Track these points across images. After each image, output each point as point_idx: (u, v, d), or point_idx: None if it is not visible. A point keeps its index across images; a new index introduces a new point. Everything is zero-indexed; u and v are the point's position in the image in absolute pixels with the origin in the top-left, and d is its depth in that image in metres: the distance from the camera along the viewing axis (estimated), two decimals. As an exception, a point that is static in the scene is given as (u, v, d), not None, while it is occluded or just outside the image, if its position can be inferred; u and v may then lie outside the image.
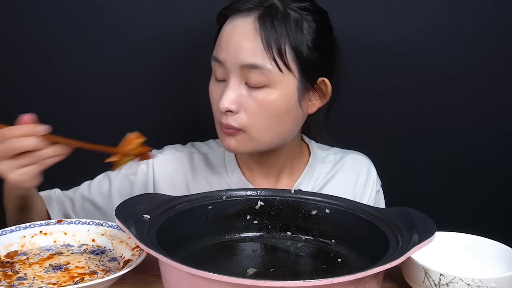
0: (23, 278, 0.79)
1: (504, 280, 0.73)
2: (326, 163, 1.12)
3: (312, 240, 0.89)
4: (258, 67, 0.92)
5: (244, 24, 0.94)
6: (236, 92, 0.94)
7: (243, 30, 0.94)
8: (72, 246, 0.91)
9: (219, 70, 0.97)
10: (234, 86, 0.94)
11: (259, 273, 0.79)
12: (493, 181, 1.35)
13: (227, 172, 1.09)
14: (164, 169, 1.10)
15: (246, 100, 0.94)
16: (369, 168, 1.13)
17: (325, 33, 0.99)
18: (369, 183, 1.12)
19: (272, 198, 0.90)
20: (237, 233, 0.89)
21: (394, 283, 0.82)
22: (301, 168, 1.10)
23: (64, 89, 1.30)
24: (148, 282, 0.81)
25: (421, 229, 0.75)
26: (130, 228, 0.73)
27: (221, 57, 0.95)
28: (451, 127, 1.33)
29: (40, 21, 1.26)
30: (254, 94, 0.94)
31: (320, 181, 1.10)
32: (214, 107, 0.99)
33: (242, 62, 0.93)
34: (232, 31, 0.95)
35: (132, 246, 0.86)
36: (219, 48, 0.96)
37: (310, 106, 1.00)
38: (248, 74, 0.93)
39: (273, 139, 0.99)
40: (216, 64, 0.97)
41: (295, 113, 0.98)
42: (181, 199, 0.86)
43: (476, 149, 1.33)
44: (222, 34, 0.97)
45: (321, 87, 0.99)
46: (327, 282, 0.62)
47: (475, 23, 1.27)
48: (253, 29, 0.93)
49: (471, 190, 1.36)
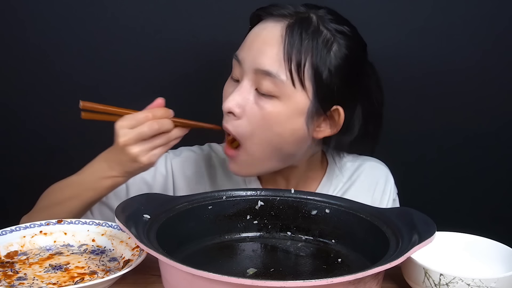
0: (23, 278, 0.79)
1: (504, 280, 0.73)
2: (343, 172, 1.08)
3: (312, 240, 0.89)
4: (272, 75, 0.89)
5: (272, 29, 0.91)
6: (244, 96, 0.91)
7: (269, 34, 0.91)
8: (72, 246, 0.90)
9: (236, 69, 0.94)
10: (244, 89, 0.92)
11: (259, 273, 0.79)
12: (493, 181, 1.35)
13: (245, 183, 1.06)
14: (183, 172, 1.07)
15: (251, 107, 0.91)
16: (387, 176, 1.10)
17: (354, 63, 0.93)
18: (387, 192, 1.09)
19: (272, 198, 0.90)
20: (237, 233, 0.89)
21: (394, 283, 0.82)
22: (318, 178, 1.06)
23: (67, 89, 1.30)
24: (148, 282, 0.81)
25: (421, 229, 0.75)
26: (130, 228, 0.73)
27: (241, 56, 0.93)
28: (452, 128, 1.33)
29: (44, 20, 1.27)
30: (261, 103, 0.91)
31: (338, 191, 1.07)
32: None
33: (258, 66, 0.90)
34: (259, 33, 0.92)
35: (132, 246, 0.86)
36: (242, 47, 0.94)
37: (317, 132, 0.95)
38: (261, 80, 0.90)
39: (272, 159, 0.94)
40: (235, 63, 0.94)
41: (300, 136, 0.93)
42: (181, 199, 0.86)
43: (476, 149, 1.34)
44: (250, 34, 0.94)
45: (334, 115, 0.94)
46: (327, 282, 0.62)
47: (475, 24, 1.27)
48: (278, 36, 0.90)
49: (471, 190, 1.36)
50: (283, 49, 0.88)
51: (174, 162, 1.07)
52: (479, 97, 1.31)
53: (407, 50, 1.28)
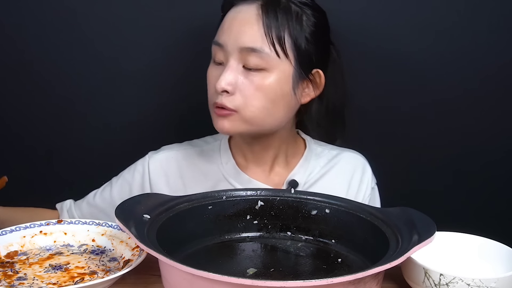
0: (23, 278, 0.79)
1: (504, 280, 0.73)
2: (321, 157, 1.13)
3: (312, 240, 0.89)
4: (257, 50, 0.96)
5: (247, 10, 0.99)
6: (234, 74, 0.98)
7: (245, 15, 0.99)
8: (72, 246, 0.91)
9: (218, 53, 1.00)
10: (232, 68, 0.98)
11: (259, 273, 0.79)
12: (493, 180, 1.35)
13: (221, 162, 1.11)
14: (159, 168, 1.11)
15: (242, 82, 0.98)
16: (364, 166, 1.14)
17: (322, 29, 1.04)
18: (364, 181, 1.13)
19: (272, 198, 0.90)
20: (237, 233, 0.89)
21: (394, 283, 0.82)
22: (296, 160, 1.12)
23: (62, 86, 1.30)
24: (148, 282, 0.81)
25: (421, 229, 0.75)
26: (130, 228, 0.73)
27: (222, 40, 0.99)
28: (452, 127, 1.33)
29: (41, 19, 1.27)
30: (251, 77, 0.98)
31: (314, 175, 1.11)
32: (211, 90, 1.02)
33: (242, 45, 0.97)
34: (235, 16, 1.00)
35: (132, 246, 0.86)
36: (220, 32, 1.01)
37: (304, 95, 1.04)
38: (247, 57, 0.97)
39: (265, 122, 1.01)
40: (216, 48, 1.01)
41: (289, 100, 1.01)
42: (181, 199, 0.86)
43: (476, 149, 1.33)
44: (225, 19, 1.02)
45: (315, 78, 1.04)
46: (327, 282, 0.62)
47: (475, 23, 1.27)
48: (255, 15, 0.98)
49: (471, 190, 1.36)
50: (263, 26, 0.97)
51: (151, 160, 1.12)
52: (480, 97, 1.31)
53: (406, 49, 1.28)
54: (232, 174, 1.09)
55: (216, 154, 1.12)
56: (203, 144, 1.15)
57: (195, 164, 1.12)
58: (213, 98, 1.01)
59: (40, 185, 1.33)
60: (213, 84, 1.00)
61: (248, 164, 1.10)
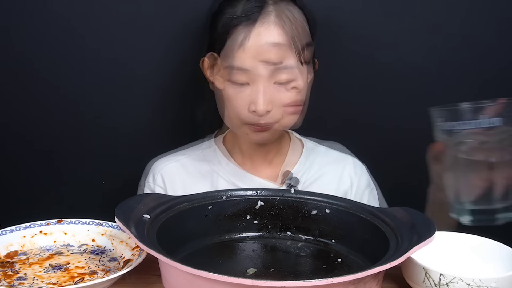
0: (23, 278, 0.79)
1: (504, 280, 0.73)
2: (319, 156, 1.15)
3: (312, 240, 0.89)
4: (287, 67, 0.99)
5: (266, 30, 0.98)
6: (270, 94, 0.99)
7: (269, 37, 0.98)
8: (72, 246, 0.91)
9: (241, 76, 0.99)
10: (266, 88, 0.99)
11: (259, 273, 0.79)
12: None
13: (220, 163, 1.11)
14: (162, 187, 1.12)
15: (279, 98, 1.00)
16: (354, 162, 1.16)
17: (308, 17, 1.05)
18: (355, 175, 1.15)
19: (272, 198, 0.90)
20: (237, 233, 0.89)
21: (394, 283, 0.82)
22: (285, 150, 1.14)
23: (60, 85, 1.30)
24: (148, 282, 0.81)
25: (421, 229, 0.75)
26: (130, 228, 0.73)
27: (248, 65, 0.98)
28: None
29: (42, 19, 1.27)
30: (283, 90, 1.00)
31: (314, 173, 1.12)
32: (240, 111, 1.01)
33: (274, 66, 0.98)
34: (258, 39, 0.98)
35: (132, 246, 0.86)
36: (242, 56, 0.98)
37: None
38: (278, 74, 0.99)
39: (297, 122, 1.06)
40: (239, 72, 0.99)
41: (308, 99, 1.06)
42: (181, 199, 0.86)
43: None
44: (246, 44, 0.98)
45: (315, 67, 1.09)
46: (327, 282, 0.62)
47: (475, 23, 1.27)
48: (277, 34, 0.98)
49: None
50: (288, 43, 0.98)
51: (151, 186, 1.12)
52: (480, 96, 1.31)
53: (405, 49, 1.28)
54: (235, 175, 1.10)
55: (215, 159, 1.12)
56: (196, 151, 1.15)
57: (194, 174, 1.12)
58: (246, 118, 1.01)
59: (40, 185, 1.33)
60: (241, 104, 1.00)
61: (246, 161, 1.12)
